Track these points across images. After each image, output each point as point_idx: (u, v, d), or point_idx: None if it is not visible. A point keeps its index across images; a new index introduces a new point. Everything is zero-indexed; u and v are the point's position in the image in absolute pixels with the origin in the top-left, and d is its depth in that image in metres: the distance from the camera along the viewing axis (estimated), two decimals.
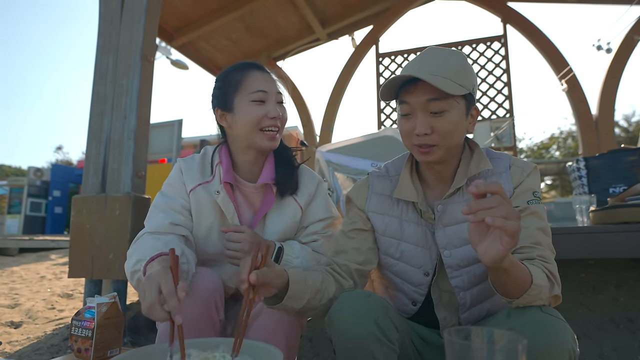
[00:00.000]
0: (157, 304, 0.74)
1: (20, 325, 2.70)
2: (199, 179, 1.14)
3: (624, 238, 1.69)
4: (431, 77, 0.86)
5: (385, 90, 0.94)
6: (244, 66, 1.14)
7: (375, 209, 1.05)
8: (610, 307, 2.00)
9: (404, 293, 1.05)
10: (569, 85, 5.76)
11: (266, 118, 1.09)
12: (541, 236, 0.90)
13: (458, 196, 0.98)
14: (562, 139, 24.45)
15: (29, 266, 5.41)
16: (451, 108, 0.90)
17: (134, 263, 0.94)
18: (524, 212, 0.92)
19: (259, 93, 1.09)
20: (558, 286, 0.84)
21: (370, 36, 6.77)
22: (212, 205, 1.13)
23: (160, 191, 1.17)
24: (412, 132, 0.92)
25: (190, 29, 5.85)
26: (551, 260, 0.88)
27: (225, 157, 1.16)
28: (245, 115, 1.10)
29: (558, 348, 0.74)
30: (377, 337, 0.83)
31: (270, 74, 1.15)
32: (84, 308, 1.02)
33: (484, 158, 0.97)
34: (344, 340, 0.85)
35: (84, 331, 0.97)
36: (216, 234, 1.14)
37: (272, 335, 0.99)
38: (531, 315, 0.77)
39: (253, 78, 1.11)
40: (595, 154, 2.55)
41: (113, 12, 2.54)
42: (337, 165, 2.57)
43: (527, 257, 0.86)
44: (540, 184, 1.00)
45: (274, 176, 1.16)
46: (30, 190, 10.64)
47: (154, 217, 1.10)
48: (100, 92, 2.47)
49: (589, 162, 2.47)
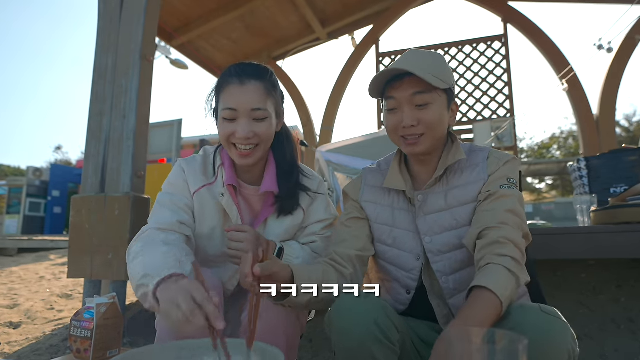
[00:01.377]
0: (197, 310, 0.72)
1: (19, 325, 2.69)
2: (203, 180, 1.13)
3: (625, 238, 1.68)
4: (417, 71, 0.94)
5: (374, 85, 1.00)
6: (227, 75, 1.08)
7: (368, 199, 1.12)
8: (612, 308, 1.99)
9: (397, 281, 1.07)
10: (569, 84, 5.75)
11: (234, 136, 1.06)
12: (509, 217, 0.92)
13: (438, 186, 1.04)
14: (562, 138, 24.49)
15: (28, 266, 5.40)
16: (434, 101, 0.97)
17: (140, 276, 0.88)
18: (495, 195, 0.96)
19: (227, 111, 1.05)
20: (521, 267, 0.86)
21: (370, 36, 6.76)
22: (215, 207, 1.12)
23: (162, 191, 1.15)
24: (398, 125, 0.99)
25: (189, 29, 5.84)
26: (513, 239, 0.88)
27: (228, 159, 1.15)
28: (219, 129, 1.08)
29: (558, 347, 0.74)
30: (377, 338, 0.83)
31: (250, 86, 1.05)
32: (83, 308, 1.01)
33: (459, 149, 1.04)
34: (344, 341, 0.85)
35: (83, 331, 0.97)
36: (219, 236, 1.13)
37: (272, 335, 0.98)
38: (531, 315, 0.78)
39: (228, 93, 1.05)
40: (596, 154, 2.54)
41: (112, 11, 2.53)
42: (337, 165, 2.56)
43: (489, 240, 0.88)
44: (519, 173, 1.04)
45: (277, 187, 1.13)
46: (29, 190, 10.62)
47: (159, 213, 1.07)
48: (100, 92, 2.46)
49: (590, 162, 2.46)
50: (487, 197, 0.97)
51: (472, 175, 1.02)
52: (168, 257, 0.91)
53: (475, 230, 0.93)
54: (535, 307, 0.79)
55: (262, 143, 1.08)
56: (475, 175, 1.02)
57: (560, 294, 2.06)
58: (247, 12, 5.79)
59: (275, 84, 1.12)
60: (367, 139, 2.63)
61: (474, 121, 6.02)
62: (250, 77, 1.05)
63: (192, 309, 0.72)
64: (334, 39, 6.95)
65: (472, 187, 1.01)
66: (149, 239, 0.99)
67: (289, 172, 1.16)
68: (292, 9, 6.03)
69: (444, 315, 1.01)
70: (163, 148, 5.72)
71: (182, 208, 1.09)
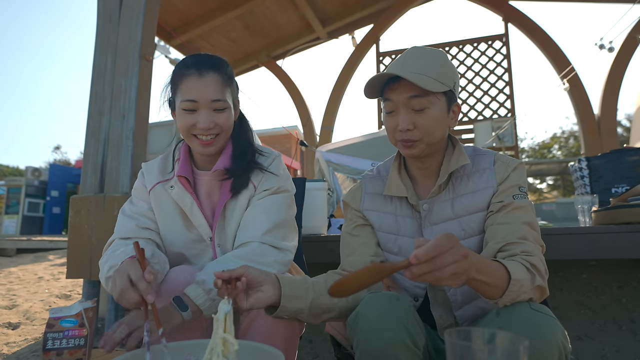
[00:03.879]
0: (130, 288, 0.82)
1: (17, 326, 2.69)
2: (158, 177, 1.16)
3: (627, 239, 1.67)
4: (412, 75, 0.90)
5: (370, 87, 0.98)
6: (184, 66, 1.07)
7: (369, 207, 1.09)
8: (613, 308, 1.98)
9: (405, 289, 1.05)
10: (571, 84, 5.74)
11: (195, 127, 1.06)
12: (527, 230, 0.90)
13: (444, 194, 1.00)
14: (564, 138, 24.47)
15: (26, 267, 5.39)
16: (432, 105, 0.94)
17: (107, 270, 0.98)
18: (509, 207, 0.93)
19: (187, 102, 1.05)
20: (541, 277, 0.83)
21: (370, 35, 6.76)
22: (171, 202, 1.13)
23: (129, 198, 1.20)
24: (396, 128, 0.96)
25: (189, 28, 5.83)
26: (536, 253, 0.86)
27: (184, 152, 1.17)
28: (178, 120, 1.09)
29: (547, 344, 0.73)
30: (405, 344, 0.80)
31: (208, 77, 1.05)
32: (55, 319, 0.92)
33: (463, 154, 1.00)
34: (370, 345, 0.81)
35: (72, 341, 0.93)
36: (180, 229, 1.13)
37: (270, 336, 0.97)
38: (520, 313, 0.77)
39: (186, 84, 1.05)
40: (598, 154, 2.52)
41: (111, 10, 2.53)
42: (337, 165, 2.55)
43: (511, 254, 0.86)
44: (526, 179, 1.01)
45: (230, 163, 1.13)
46: (28, 190, 10.58)
47: (121, 223, 1.13)
48: (99, 92, 2.45)
49: (591, 162, 2.45)
50: (501, 208, 0.94)
51: (479, 182, 0.98)
52: (128, 248, 1.02)
53: (496, 245, 0.89)
54: (525, 304, 0.79)
55: (223, 132, 1.10)
56: (483, 182, 0.98)
57: (561, 295, 2.05)
58: (246, 12, 5.78)
59: (231, 75, 1.13)
60: (367, 139, 2.62)
61: (475, 121, 6.01)
62: (208, 68, 1.06)
63: (124, 287, 0.82)
64: (334, 38, 6.94)
65: (481, 194, 0.97)
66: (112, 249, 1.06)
67: (243, 152, 1.16)
68: (292, 8, 6.02)
69: (446, 326, 0.98)
70: (162, 148, 5.68)
71: (143, 214, 1.14)
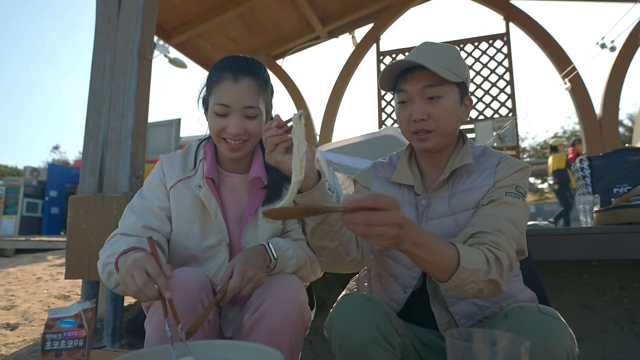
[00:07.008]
0: (150, 283, 0.80)
1: (16, 327, 2.68)
2: (180, 175, 1.13)
3: (629, 239, 1.67)
4: (428, 63, 0.92)
5: (385, 76, 0.98)
6: (221, 69, 1.08)
7: (377, 189, 1.11)
8: (615, 309, 1.97)
9: (395, 278, 1.04)
10: (572, 83, 5.73)
11: (225, 132, 1.07)
12: (507, 225, 0.88)
13: (443, 190, 1.01)
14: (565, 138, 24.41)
15: (25, 267, 5.38)
16: (446, 94, 0.95)
17: (106, 257, 0.98)
18: (498, 201, 0.92)
19: (220, 106, 1.05)
20: (499, 273, 0.81)
21: (370, 34, 6.74)
22: (194, 201, 1.11)
23: (140, 189, 1.16)
24: (409, 119, 0.97)
25: (188, 27, 5.82)
26: (505, 248, 0.84)
27: (210, 152, 1.15)
28: (209, 121, 1.10)
29: (556, 348, 0.74)
30: (378, 343, 0.83)
31: (243, 83, 1.05)
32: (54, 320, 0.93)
33: (468, 153, 1.01)
34: (345, 346, 0.85)
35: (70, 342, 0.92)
36: (197, 231, 1.11)
37: (275, 336, 0.97)
38: (528, 316, 0.78)
39: (221, 88, 1.06)
40: (599, 154, 2.51)
41: (110, 10, 2.51)
42: (337, 165, 2.54)
43: (479, 242, 0.85)
44: (528, 184, 1.01)
45: (265, 173, 1.13)
46: (27, 190, 10.54)
47: (127, 218, 1.11)
48: (98, 91, 2.44)
49: (593, 162, 2.44)
50: (490, 201, 0.93)
51: (477, 181, 0.99)
52: (130, 240, 1.02)
53: (468, 230, 0.89)
54: (534, 307, 0.80)
55: (252, 138, 1.10)
56: (480, 181, 0.98)
57: (563, 296, 2.04)
58: (246, 11, 5.76)
59: (267, 80, 1.13)
60: (367, 139, 2.61)
61: (476, 120, 5.99)
62: (244, 73, 1.06)
63: (146, 281, 0.80)
64: (334, 37, 6.93)
65: (476, 192, 0.97)
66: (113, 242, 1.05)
67: None
68: (292, 7, 6.01)
69: (444, 322, 0.98)
70: (162, 148, 5.68)
71: (153, 212, 1.11)
